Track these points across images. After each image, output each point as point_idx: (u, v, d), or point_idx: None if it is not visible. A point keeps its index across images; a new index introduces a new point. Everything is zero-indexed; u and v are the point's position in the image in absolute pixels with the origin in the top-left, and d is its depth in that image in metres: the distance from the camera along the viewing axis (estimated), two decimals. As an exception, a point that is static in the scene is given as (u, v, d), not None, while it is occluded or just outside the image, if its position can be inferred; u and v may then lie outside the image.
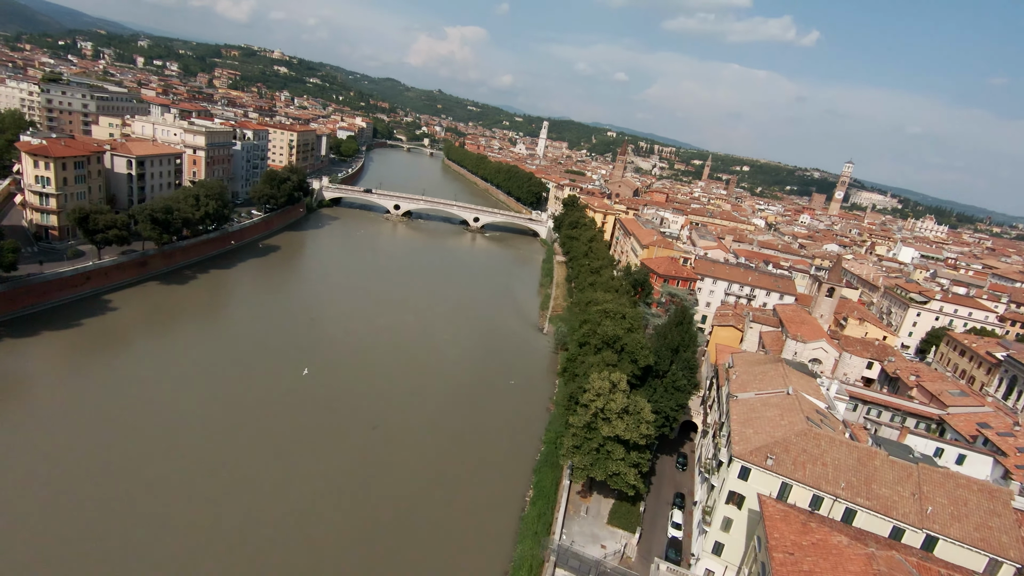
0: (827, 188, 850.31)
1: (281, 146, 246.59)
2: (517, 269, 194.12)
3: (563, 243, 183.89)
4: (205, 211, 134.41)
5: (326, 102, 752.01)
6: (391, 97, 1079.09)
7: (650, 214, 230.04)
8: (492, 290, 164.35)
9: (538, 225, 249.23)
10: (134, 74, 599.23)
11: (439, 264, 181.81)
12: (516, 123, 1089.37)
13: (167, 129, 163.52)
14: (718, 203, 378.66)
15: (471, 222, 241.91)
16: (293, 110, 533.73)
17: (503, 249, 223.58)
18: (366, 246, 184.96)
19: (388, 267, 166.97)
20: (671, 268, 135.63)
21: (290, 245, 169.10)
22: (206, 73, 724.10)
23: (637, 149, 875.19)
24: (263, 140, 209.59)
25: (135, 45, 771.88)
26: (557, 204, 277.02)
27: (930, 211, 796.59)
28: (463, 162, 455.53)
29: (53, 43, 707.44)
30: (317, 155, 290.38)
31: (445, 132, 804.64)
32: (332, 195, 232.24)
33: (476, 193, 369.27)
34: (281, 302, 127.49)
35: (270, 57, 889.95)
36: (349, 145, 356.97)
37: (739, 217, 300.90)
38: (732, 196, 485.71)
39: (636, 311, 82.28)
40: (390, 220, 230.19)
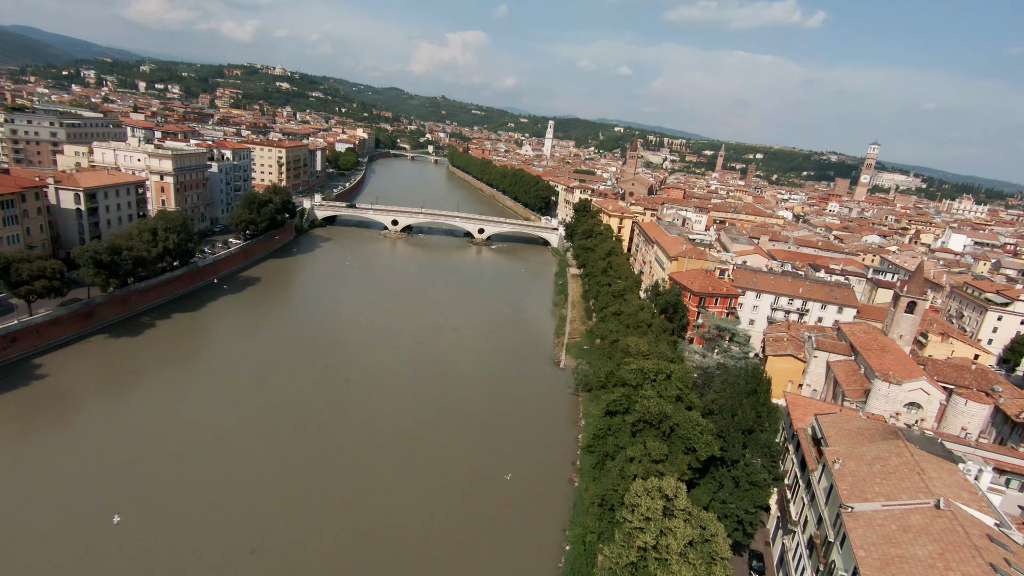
0: (845, 171, 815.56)
1: (269, 164, 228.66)
2: (527, 285, 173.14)
3: (577, 254, 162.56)
4: (164, 247, 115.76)
5: (328, 115, 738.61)
6: (395, 106, 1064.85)
7: (670, 215, 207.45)
8: (500, 313, 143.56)
9: (548, 233, 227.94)
10: (135, 99, 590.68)
11: (441, 285, 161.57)
12: (521, 124, 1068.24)
13: (129, 155, 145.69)
14: (739, 195, 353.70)
15: (475, 234, 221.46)
16: (293, 125, 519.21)
17: (511, 262, 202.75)
18: (359, 270, 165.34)
19: (384, 293, 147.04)
20: (707, 283, 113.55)
21: (273, 275, 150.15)
22: (208, 94, 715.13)
23: (646, 143, 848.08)
24: (245, 160, 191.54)
25: (138, 70, 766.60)
26: (567, 208, 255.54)
27: (956, 189, 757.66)
28: (467, 168, 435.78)
29: (57, 74, 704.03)
30: (311, 171, 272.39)
31: (449, 138, 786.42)
32: (325, 213, 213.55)
33: (482, 200, 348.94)
34: (256, 346, 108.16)
35: (272, 74, 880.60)
36: (347, 158, 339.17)
37: (764, 210, 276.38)
38: (751, 186, 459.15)
39: (683, 367, 61.01)
40: (388, 237, 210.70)
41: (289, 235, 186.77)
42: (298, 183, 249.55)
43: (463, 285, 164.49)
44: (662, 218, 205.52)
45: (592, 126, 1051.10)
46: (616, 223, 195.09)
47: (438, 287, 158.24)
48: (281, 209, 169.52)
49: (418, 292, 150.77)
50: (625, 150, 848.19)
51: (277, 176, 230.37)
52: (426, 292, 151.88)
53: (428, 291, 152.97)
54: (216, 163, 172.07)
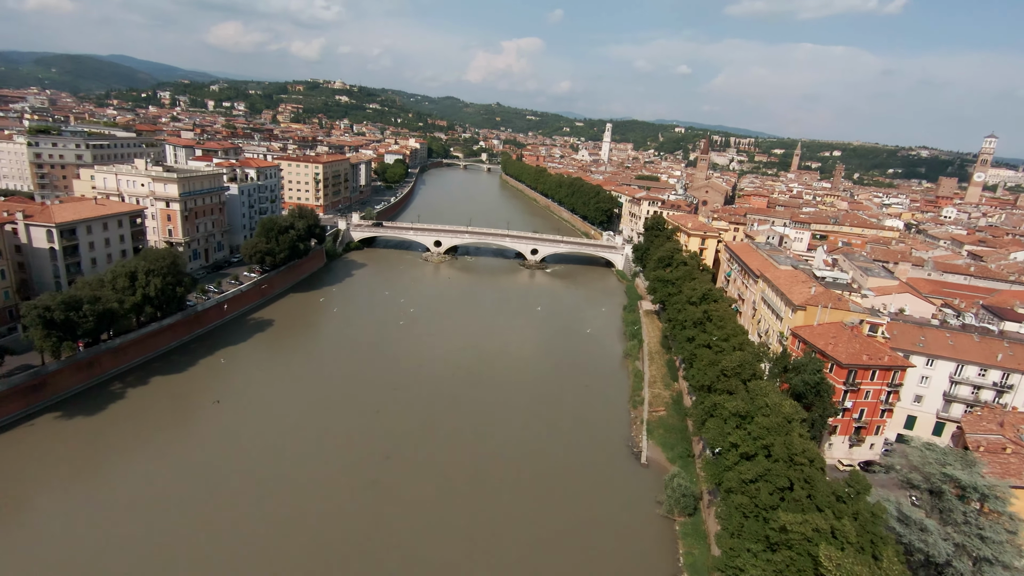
0: (939, 168, 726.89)
1: (304, 181, 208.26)
2: (589, 322, 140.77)
3: (653, 287, 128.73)
4: (143, 294, 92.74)
5: (384, 126, 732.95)
6: (450, 115, 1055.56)
7: (762, 231, 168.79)
8: (556, 366, 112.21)
9: (612, 253, 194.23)
10: (203, 116, 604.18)
11: (485, 323, 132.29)
12: (577, 128, 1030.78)
13: (132, 180, 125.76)
14: (829, 200, 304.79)
15: (528, 255, 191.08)
16: (347, 138, 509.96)
17: (570, 290, 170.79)
18: (390, 308, 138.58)
19: (411, 342, 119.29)
20: (857, 348, 77.52)
21: (288, 316, 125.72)
22: (271, 109, 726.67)
23: (711, 143, 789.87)
24: (273, 179, 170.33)
25: (208, 90, 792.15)
26: (633, 222, 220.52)
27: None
28: (521, 176, 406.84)
29: (137, 96, 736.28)
30: (353, 186, 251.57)
31: (503, 145, 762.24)
32: (362, 235, 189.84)
33: (535, 212, 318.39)
34: (253, 419, 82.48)
35: (332, 88, 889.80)
36: (395, 170, 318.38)
37: (868, 219, 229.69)
38: (838, 187, 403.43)
39: None
40: (430, 261, 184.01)
41: (319, 262, 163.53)
42: (338, 200, 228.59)
43: (510, 324, 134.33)
44: (752, 235, 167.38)
45: (650, 127, 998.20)
46: (697, 243, 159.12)
47: (479, 327, 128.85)
48: (306, 235, 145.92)
49: (453, 336, 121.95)
50: (687, 151, 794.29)
51: (314, 194, 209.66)
52: (464, 335, 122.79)
53: (466, 334, 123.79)
54: (237, 184, 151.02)
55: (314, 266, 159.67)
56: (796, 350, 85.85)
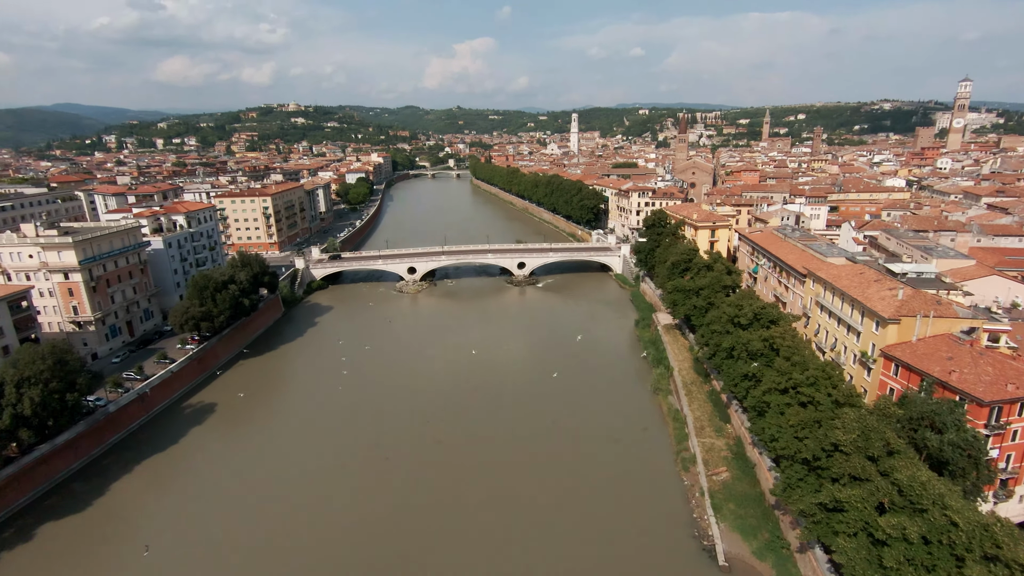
0: (903, 119, 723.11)
1: (253, 218, 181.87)
2: (598, 346, 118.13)
3: (671, 299, 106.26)
4: (14, 415, 67.39)
5: (345, 144, 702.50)
6: (412, 124, 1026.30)
7: (775, 212, 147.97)
8: (570, 415, 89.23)
9: (607, 256, 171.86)
10: (152, 156, 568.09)
11: (474, 369, 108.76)
12: (541, 122, 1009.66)
13: (16, 251, 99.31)
14: (818, 166, 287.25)
15: (515, 270, 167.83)
16: (306, 161, 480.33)
17: (567, 305, 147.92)
18: (362, 362, 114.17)
19: (392, 400, 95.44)
20: (991, 373, 55.99)
21: (236, 395, 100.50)
22: (224, 140, 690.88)
23: (677, 122, 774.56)
24: (209, 223, 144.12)
25: (156, 128, 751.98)
26: (623, 216, 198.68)
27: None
28: (493, 179, 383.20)
29: (81, 143, 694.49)
30: (312, 215, 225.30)
31: (469, 148, 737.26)
32: (324, 271, 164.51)
33: (513, 216, 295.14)
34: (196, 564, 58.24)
35: (286, 111, 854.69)
36: (358, 190, 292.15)
37: (870, 182, 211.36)
38: (819, 151, 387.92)
39: None
40: (405, 292, 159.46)
41: (274, 313, 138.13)
42: (295, 233, 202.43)
43: (506, 363, 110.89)
44: (762, 218, 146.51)
45: (614, 113, 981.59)
46: (706, 237, 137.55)
47: (468, 375, 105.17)
48: (252, 286, 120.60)
49: (439, 384, 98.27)
50: (655, 132, 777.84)
51: (265, 231, 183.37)
52: (451, 385, 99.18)
53: (454, 384, 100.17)
54: (162, 236, 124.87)
55: (269, 319, 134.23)
56: (894, 378, 64.22)
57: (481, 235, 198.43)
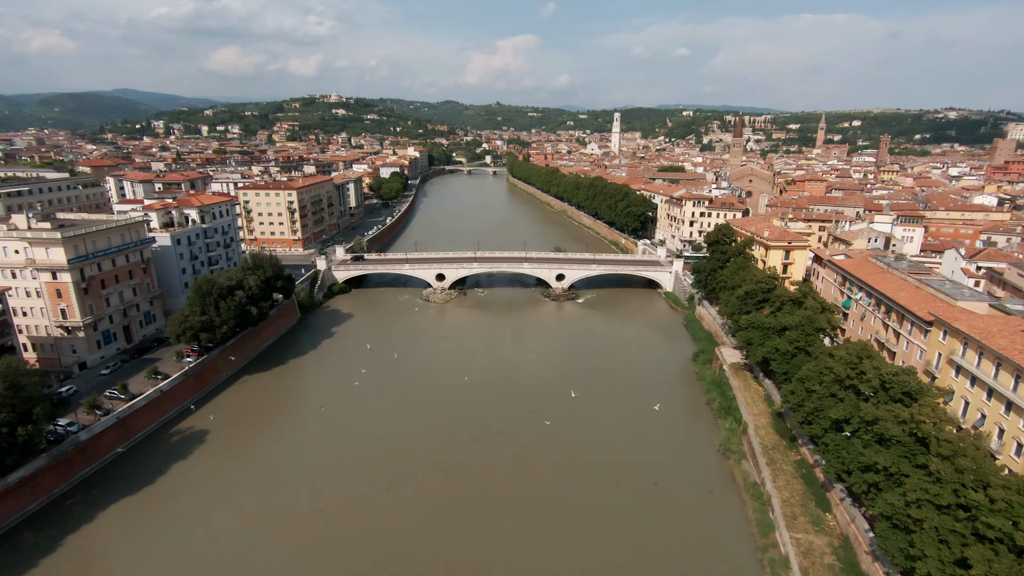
0: (970, 129, 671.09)
1: (277, 212, 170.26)
2: (649, 383, 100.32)
3: (746, 338, 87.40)
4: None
5: (383, 136, 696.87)
6: (450, 119, 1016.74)
7: (859, 231, 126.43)
8: (621, 477, 72.16)
9: (657, 271, 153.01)
10: (195, 143, 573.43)
11: (503, 392, 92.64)
12: (581, 121, 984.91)
13: (1, 246, 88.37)
14: (888, 178, 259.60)
15: (552, 282, 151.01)
16: (344, 152, 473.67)
17: (611, 327, 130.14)
18: (378, 385, 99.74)
19: (402, 442, 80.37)
20: None
21: (235, 418, 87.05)
22: (266, 129, 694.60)
23: (723, 124, 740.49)
24: (226, 217, 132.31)
25: (202, 115, 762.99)
26: (673, 227, 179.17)
27: None
28: (530, 179, 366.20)
29: (132, 127, 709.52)
30: (341, 210, 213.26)
31: (507, 145, 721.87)
32: (347, 274, 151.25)
33: (551, 219, 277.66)
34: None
35: (328, 102, 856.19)
36: (392, 185, 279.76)
37: (958, 199, 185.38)
38: (885, 162, 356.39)
39: None
40: (432, 300, 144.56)
41: (289, 319, 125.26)
42: (321, 230, 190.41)
43: (539, 387, 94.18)
44: (844, 237, 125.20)
45: (656, 114, 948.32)
46: (779, 258, 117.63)
47: (503, 395, 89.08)
48: (262, 292, 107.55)
49: (467, 415, 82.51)
50: (700, 135, 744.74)
51: (290, 226, 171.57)
52: (482, 412, 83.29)
53: (486, 409, 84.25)
54: (171, 231, 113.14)
55: (282, 327, 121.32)
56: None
57: (516, 239, 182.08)
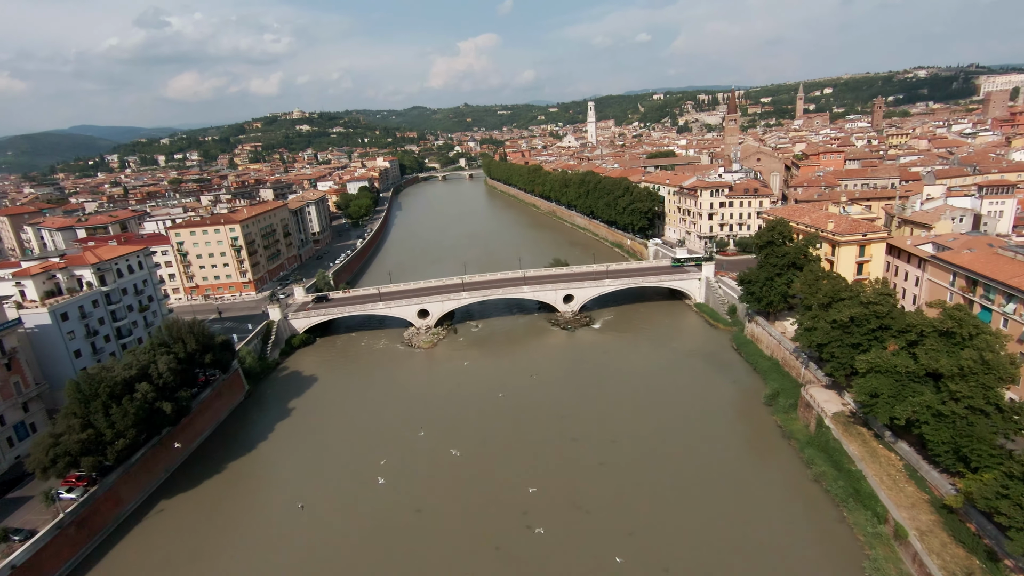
0: (942, 86, 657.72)
1: (219, 252, 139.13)
2: (717, 445, 73.03)
3: (868, 387, 59.92)
4: None
5: (351, 149, 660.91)
6: (419, 125, 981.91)
7: (938, 213, 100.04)
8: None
9: (683, 279, 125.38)
10: (152, 175, 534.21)
11: (520, 472, 64.76)
12: (551, 114, 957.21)
13: None
14: (902, 142, 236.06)
15: (559, 304, 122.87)
16: (310, 170, 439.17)
17: (645, 361, 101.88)
18: (353, 492, 71.10)
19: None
20: None
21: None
22: (227, 153, 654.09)
23: (698, 104, 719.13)
24: (140, 272, 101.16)
25: (158, 145, 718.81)
26: (686, 222, 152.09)
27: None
28: (510, 179, 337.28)
29: (84, 165, 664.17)
30: (302, 239, 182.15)
31: (480, 145, 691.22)
32: (308, 322, 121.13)
33: (540, 222, 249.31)
34: None
35: (290, 119, 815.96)
36: (360, 202, 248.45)
37: (995, 159, 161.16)
38: (881, 125, 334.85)
39: None
40: (416, 345, 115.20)
41: (232, 397, 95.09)
42: (278, 266, 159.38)
43: (567, 464, 66.02)
44: (922, 220, 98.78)
45: (627, 100, 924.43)
46: (851, 256, 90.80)
47: (520, 474, 60.86)
48: (181, 376, 77.56)
49: (497, 539, 54.32)
50: (675, 117, 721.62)
51: (236, 267, 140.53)
52: (497, 521, 55.02)
53: (502, 509, 55.99)
54: (49, 304, 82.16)
55: (222, 410, 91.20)
56: None
57: (508, 253, 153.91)
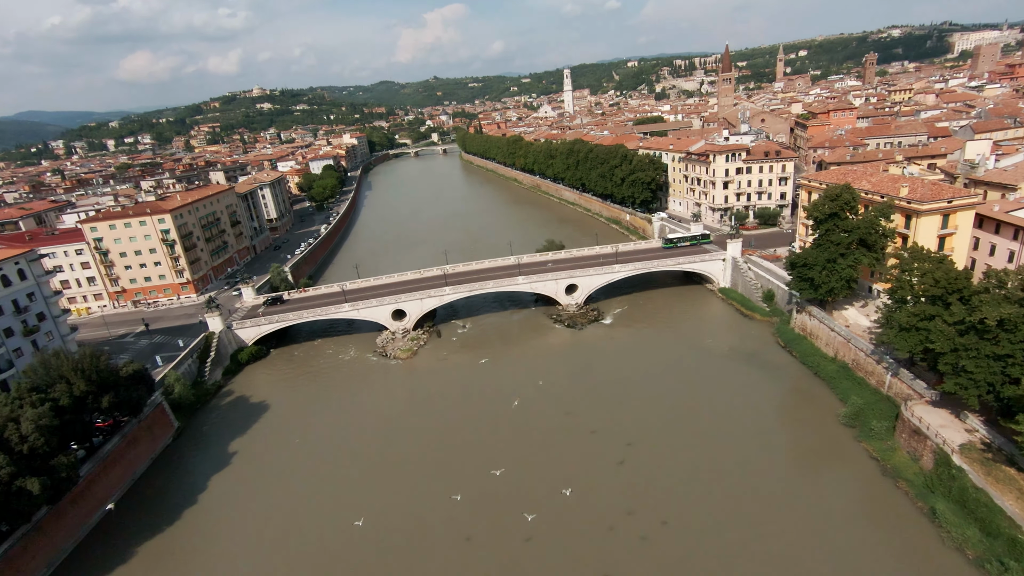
0: (916, 45, 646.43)
1: (149, 248, 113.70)
2: (792, 488, 55.09)
3: (1013, 424, 41.59)
4: None
5: (317, 127, 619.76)
6: (387, 100, 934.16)
7: (1017, 170, 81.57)
8: None
9: (704, 260, 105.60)
10: (100, 160, 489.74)
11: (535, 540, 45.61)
12: (524, 86, 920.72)
13: None
14: (907, 98, 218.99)
15: (561, 296, 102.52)
16: (271, 150, 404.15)
17: (674, 367, 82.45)
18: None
19: None
20: None
21: None
22: (182, 135, 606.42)
23: (674, 70, 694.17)
24: (23, 283, 76.55)
25: (106, 128, 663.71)
26: (694, 191, 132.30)
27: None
28: (488, 152, 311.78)
29: (26, 153, 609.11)
30: (255, 227, 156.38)
31: (453, 119, 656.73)
32: (259, 331, 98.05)
33: (523, 198, 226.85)
34: None
35: (250, 97, 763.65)
36: (324, 183, 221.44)
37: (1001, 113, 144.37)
38: (873, 83, 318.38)
39: None
40: (392, 355, 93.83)
41: (155, 441, 72.72)
42: (225, 261, 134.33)
43: (622, 537, 47.17)
44: (999, 180, 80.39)
45: (601, 68, 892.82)
46: (934, 226, 72.01)
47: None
48: (56, 440, 55.06)
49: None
50: (652, 84, 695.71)
51: (170, 266, 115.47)
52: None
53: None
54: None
55: (137, 464, 68.86)
56: None
57: (493, 236, 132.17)
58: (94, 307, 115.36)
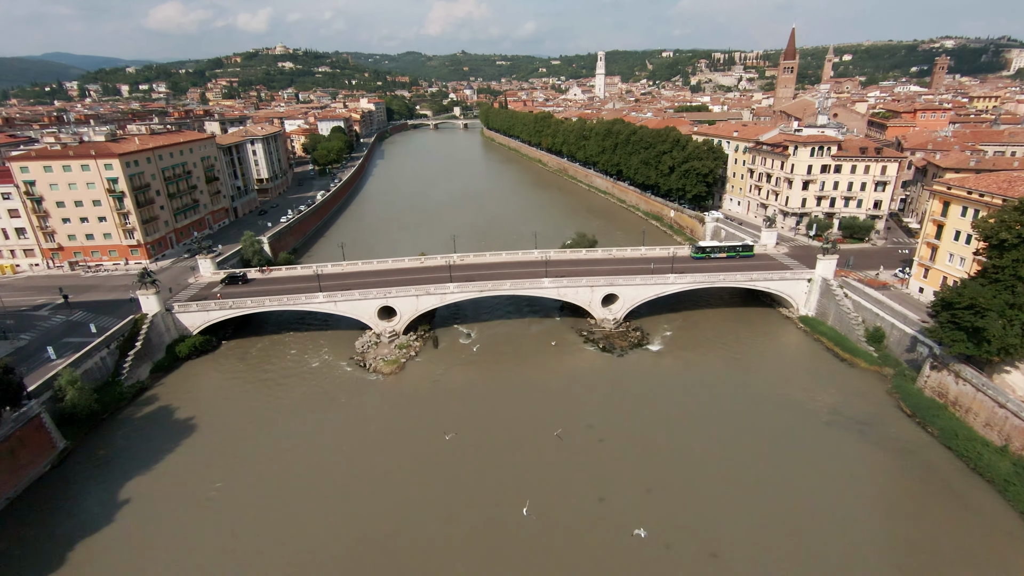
0: (970, 59, 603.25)
1: (92, 199, 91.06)
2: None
3: None
4: None
5: (337, 91, 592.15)
6: (413, 71, 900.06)
7: None
8: None
9: (784, 278, 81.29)
10: (111, 105, 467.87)
11: None
12: (554, 68, 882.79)
13: None
14: (991, 106, 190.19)
15: (596, 308, 78.96)
16: (283, 108, 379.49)
17: (737, 422, 59.47)
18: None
19: None
20: None
21: None
22: (198, 88, 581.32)
23: (712, 63, 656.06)
24: None
25: (123, 74, 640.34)
26: (758, 191, 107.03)
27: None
28: (512, 130, 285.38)
29: (40, 92, 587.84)
30: (238, 187, 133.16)
31: (477, 95, 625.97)
32: (206, 319, 75.49)
33: (547, 181, 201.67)
34: None
35: (272, 55, 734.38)
36: (330, 145, 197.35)
37: None
38: (940, 87, 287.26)
39: None
40: (373, 368, 71.22)
41: (24, 467, 50.88)
42: (193, 222, 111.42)
43: None
44: None
45: (634, 56, 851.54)
46: None
47: None
48: None
49: None
50: (687, 76, 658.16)
51: (117, 223, 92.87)
52: None
53: None
54: None
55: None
56: None
57: (513, 222, 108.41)
58: (23, 264, 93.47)
